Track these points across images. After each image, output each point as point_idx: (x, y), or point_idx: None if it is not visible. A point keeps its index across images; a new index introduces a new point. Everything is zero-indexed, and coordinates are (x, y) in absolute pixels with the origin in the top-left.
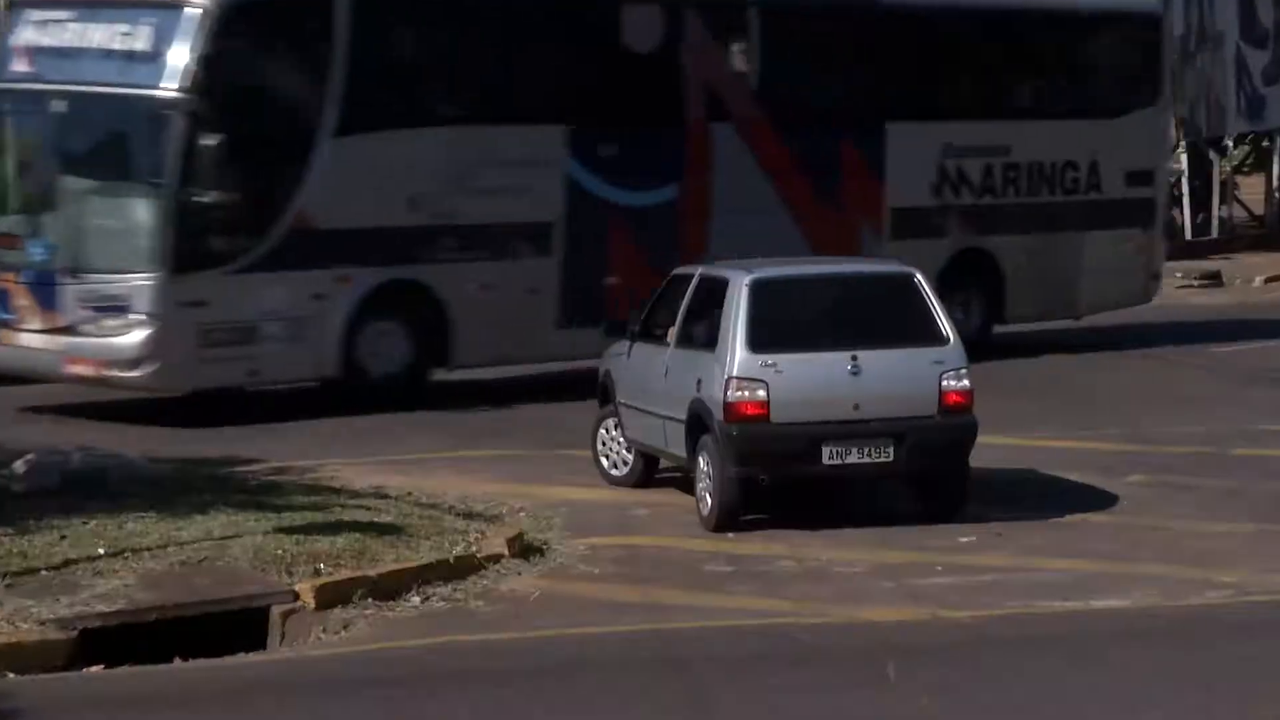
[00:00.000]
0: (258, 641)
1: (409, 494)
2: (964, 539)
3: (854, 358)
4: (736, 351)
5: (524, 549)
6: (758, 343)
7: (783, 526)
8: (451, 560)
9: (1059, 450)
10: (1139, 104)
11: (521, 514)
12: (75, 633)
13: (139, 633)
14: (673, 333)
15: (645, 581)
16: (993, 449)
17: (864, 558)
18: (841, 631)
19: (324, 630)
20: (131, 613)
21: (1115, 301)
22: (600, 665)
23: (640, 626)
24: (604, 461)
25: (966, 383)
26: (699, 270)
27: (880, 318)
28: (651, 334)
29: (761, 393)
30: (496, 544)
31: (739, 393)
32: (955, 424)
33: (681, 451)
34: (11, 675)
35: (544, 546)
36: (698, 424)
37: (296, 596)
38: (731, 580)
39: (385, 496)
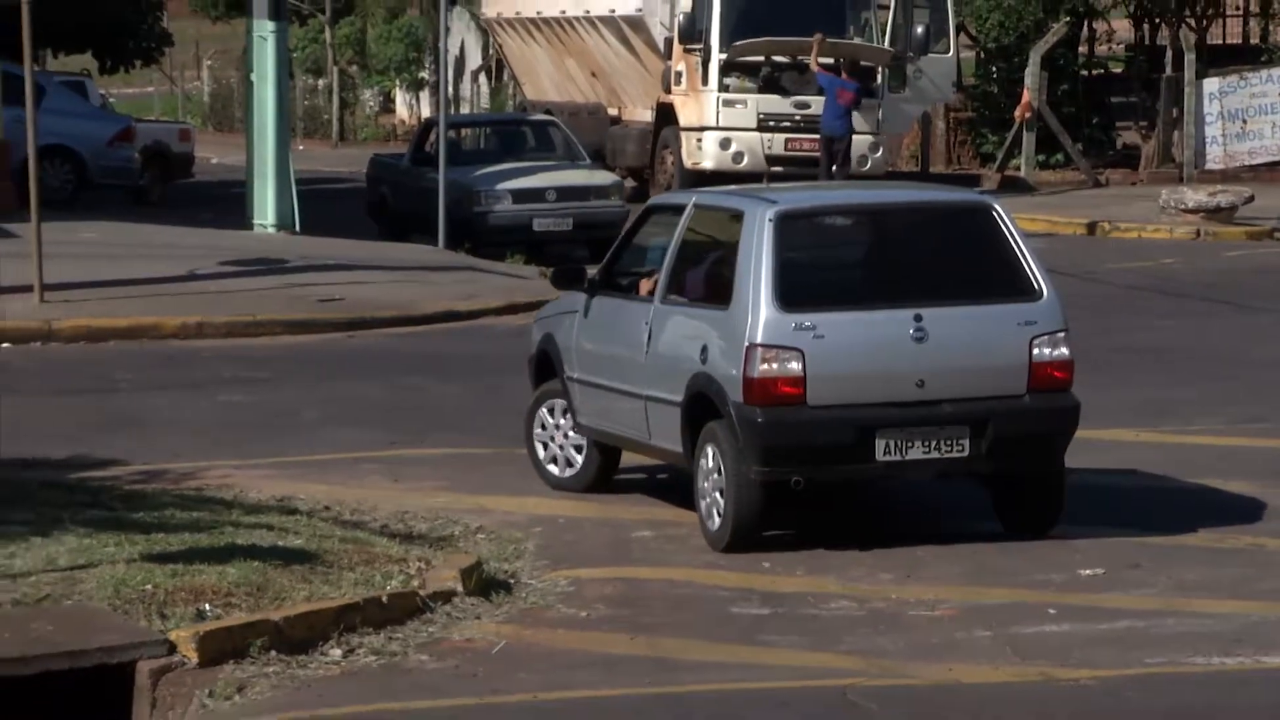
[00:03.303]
0: (119, 710)
1: (326, 508)
2: (1087, 571)
3: (917, 318)
4: (761, 309)
5: (484, 584)
6: (789, 298)
7: (822, 545)
8: (385, 599)
9: (1223, 449)
10: None
11: (480, 536)
12: None
13: None
14: (657, 284)
15: (650, 629)
16: (1127, 448)
17: (950, 596)
18: (920, 698)
19: (210, 694)
20: None
21: None
22: None
23: (643, 690)
24: (543, 456)
25: (1066, 350)
26: (693, 199)
27: (950, 264)
28: (621, 285)
29: (795, 365)
30: (446, 577)
31: (765, 365)
32: (1051, 407)
33: (673, 444)
34: None
35: (511, 580)
36: (703, 407)
37: (172, 648)
38: (769, 627)
39: (294, 512)
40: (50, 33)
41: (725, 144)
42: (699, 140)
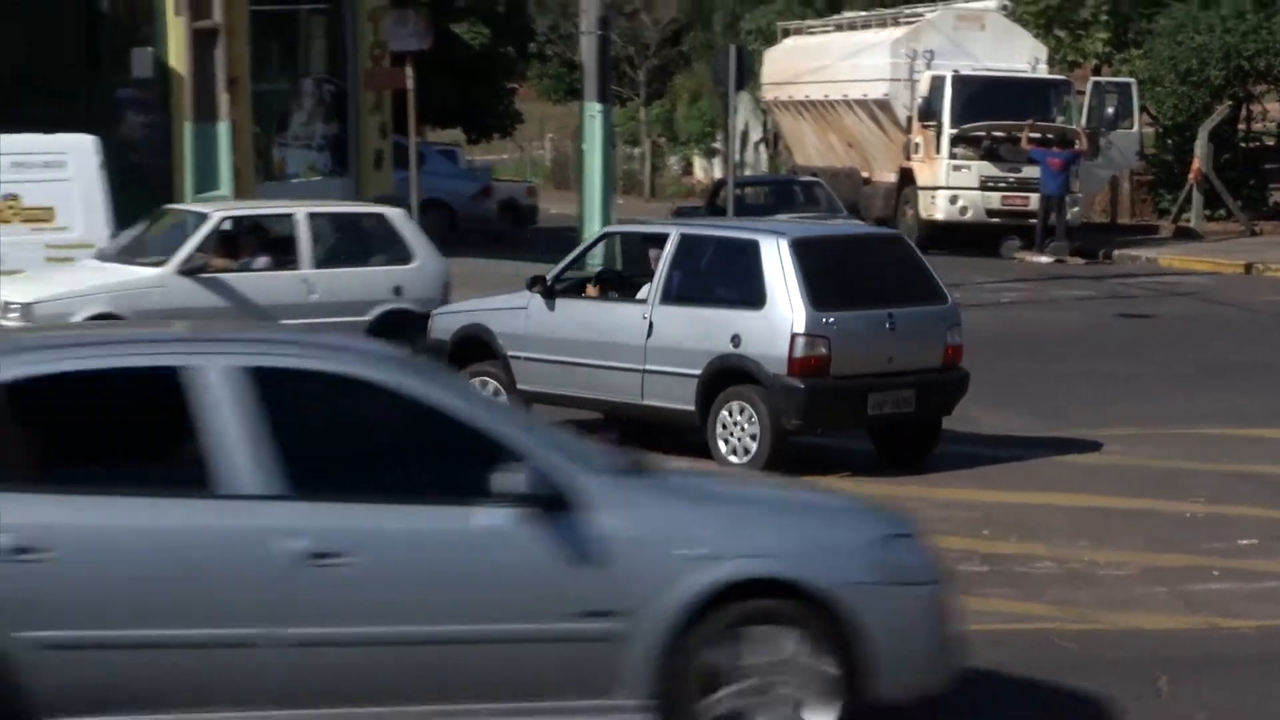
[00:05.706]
0: None
1: None
2: (1244, 541)
3: (890, 315)
4: (801, 308)
5: None
6: (818, 300)
7: (1025, 517)
8: None
9: None
10: None
11: None
12: None
13: None
14: (649, 290)
15: None
16: (1269, 444)
17: (1133, 559)
18: (1107, 640)
19: None
20: None
21: None
22: None
23: None
24: None
25: (960, 338)
26: (678, 230)
27: (895, 277)
28: (591, 290)
29: (823, 349)
30: None
31: (806, 348)
32: (958, 376)
33: (672, 404)
34: None
35: None
36: (729, 377)
37: None
38: (986, 581)
39: None
40: (430, 113)
41: (953, 200)
42: (933, 197)
